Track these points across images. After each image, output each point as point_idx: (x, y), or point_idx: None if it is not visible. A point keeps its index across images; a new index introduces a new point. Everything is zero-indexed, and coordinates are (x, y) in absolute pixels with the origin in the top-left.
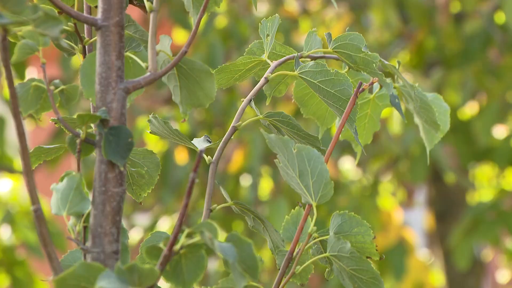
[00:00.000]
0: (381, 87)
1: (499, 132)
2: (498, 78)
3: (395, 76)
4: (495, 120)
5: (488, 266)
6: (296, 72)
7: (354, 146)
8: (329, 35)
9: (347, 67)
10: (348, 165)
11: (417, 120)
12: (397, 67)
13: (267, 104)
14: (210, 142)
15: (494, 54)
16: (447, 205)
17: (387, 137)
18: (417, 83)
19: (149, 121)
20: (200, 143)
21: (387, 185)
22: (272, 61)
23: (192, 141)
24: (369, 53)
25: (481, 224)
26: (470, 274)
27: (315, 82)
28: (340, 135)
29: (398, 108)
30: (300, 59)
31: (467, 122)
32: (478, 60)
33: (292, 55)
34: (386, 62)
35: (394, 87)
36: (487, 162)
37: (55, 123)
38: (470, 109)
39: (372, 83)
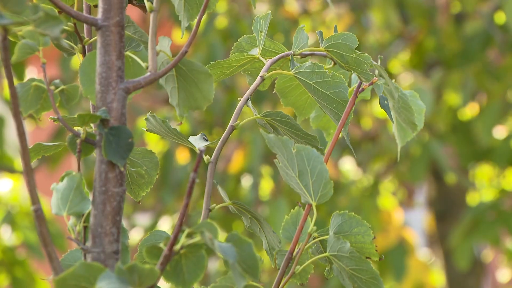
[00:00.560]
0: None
1: (499, 132)
2: (498, 78)
3: (376, 72)
4: (495, 120)
5: (489, 266)
6: (291, 72)
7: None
8: (321, 33)
9: (332, 63)
10: (348, 166)
11: (393, 116)
12: (381, 67)
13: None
14: (206, 140)
15: (494, 54)
16: (447, 205)
17: (387, 138)
18: (417, 83)
19: (146, 119)
20: (197, 141)
21: (387, 185)
22: (265, 58)
23: (189, 140)
24: (361, 53)
25: (481, 224)
26: (470, 274)
27: (310, 83)
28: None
29: (387, 110)
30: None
31: (468, 123)
32: (478, 60)
33: (285, 53)
34: (374, 62)
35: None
36: (487, 162)
37: (54, 121)
38: (470, 110)
39: (372, 83)
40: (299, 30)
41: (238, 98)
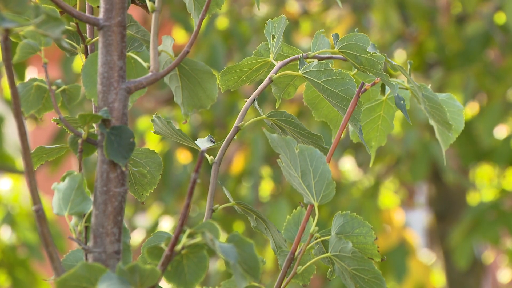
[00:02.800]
0: None
1: (500, 132)
2: (498, 78)
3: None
4: (496, 120)
5: (489, 266)
6: (300, 72)
7: (368, 149)
8: (336, 35)
9: (355, 69)
10: (349, 166)
11: (431, 121)
12: (408, 68)
13: (276, 106)
14: (213, 142)
15: (495, 54)
16: (447, 205)
17: (388, 138)
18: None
19: (153, 121)
20: (203, 143)
21: (388, 184)
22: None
23: (195, 142)
24: (375, 53)
25: (481, 224)
26: (470, 274)
27: (319, 82)
28: (342, 135)
29: (403, 109)
30: (306, 60)
31: (468, 123)
32: (479, 61)
33: (297, 55)
34: (393, 63)
35: (407, 88)
36: (487, 162)
37: (57, 123)
38: (471, 110)
39: (374, 83)
40: (318, 34)
41: (244, 99)
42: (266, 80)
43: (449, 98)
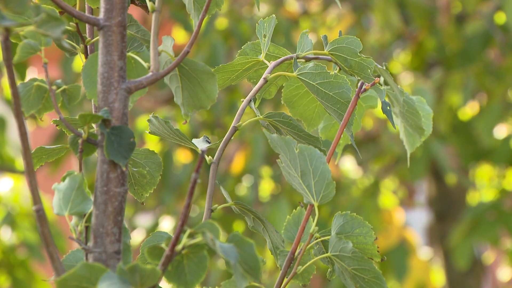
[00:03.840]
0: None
1: (500, 132)
2: (498, 78)
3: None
4: (496, 120)
5: (489, 265)
6: (295, 73)
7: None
8: (325, 37)
9: (337, 68)
10: (349, 165)
11: (399, 122)
12: (387, 71)
13: (256, 106)
14: (209, 142)
15: (494, 54)
16: (447, 205)
17: (388, 138)
18: (417, 83)
19: (149, 120)
20: (199, 143)
21: (388, 183)
22: (269, 62)
23: (192, 141)
24: (365, 57)
25: (481, 224)
26: (470, 274)
27: (314, 84)
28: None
29: (389, 116)
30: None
31: (468, 122)
32: (478, 60)
33: (289, 55)
34: (378, 66)
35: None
36: (487, 162)
37: (57, 125)
38: (470, 110)
39: (374, 83)
40: (303, 35)
41: (241, 100)
42: (261, 81)
43: (419, 102)
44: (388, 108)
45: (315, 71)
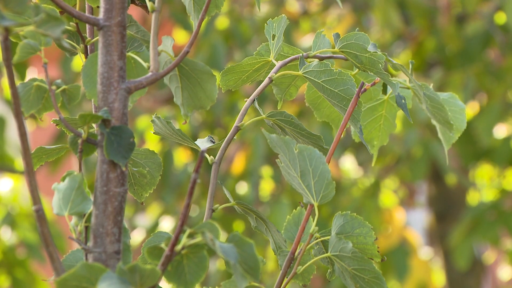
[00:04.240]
0: None
1: (500, 132)
2: (499, 78)
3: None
4: (496, 120)
5: (489, 265)
6: (300, 72)
7: (370, 149)
8: (337, 35)
9: (356, 68)
10: (349, 165)
11: (433, 121)
12: (410, 68)
13: (278, 107)
14: (213, 142)
15: (495, 54)
16: (447, 205)
17: (389, 137)
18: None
19: (153, 121)
20: (203, 143)
21: (389, 183)
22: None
23: (195, 142)
24: (375, 53)
25: (481, 224)
26: (470, 274)
27: (319, 81)
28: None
29: (404, 109)
30: (307, 59)
31: (468, 123)
32: (479, 60)
33: (297, 55)
34: (394, 61)
35: (408, 88)
36: (487, 162)
37: (57, 125)
38: (471, 110)
39: (374, 83)
40: (319, 34)
41: (245, 99)
42: (266, 80)
43: (451, 98)
44: (402, 101)
45: (320, 69)
